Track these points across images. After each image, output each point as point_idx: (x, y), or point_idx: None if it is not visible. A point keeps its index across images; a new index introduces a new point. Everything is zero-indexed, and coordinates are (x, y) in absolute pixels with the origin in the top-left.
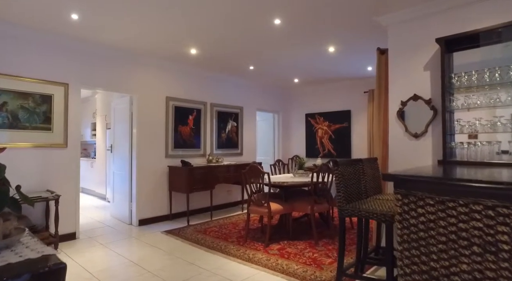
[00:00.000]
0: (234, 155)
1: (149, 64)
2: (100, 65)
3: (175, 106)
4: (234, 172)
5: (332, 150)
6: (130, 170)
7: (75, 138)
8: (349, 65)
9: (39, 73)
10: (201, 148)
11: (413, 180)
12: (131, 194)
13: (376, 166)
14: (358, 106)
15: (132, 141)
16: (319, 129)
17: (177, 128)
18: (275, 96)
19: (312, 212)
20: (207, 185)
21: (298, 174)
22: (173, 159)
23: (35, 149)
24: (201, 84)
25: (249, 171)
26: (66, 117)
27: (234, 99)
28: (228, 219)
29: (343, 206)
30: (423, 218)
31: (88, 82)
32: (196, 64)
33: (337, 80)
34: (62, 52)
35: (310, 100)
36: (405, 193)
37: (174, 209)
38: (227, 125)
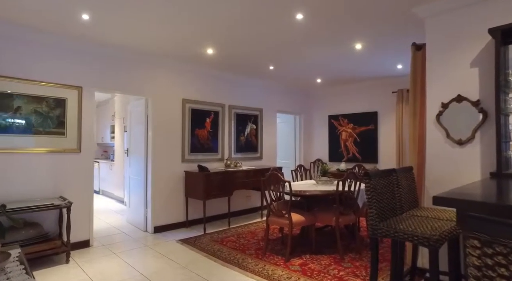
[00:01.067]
0: (253, 159)
1: (164, 66)
2: (114, 68)
3: (191, 108)
4: (253, 177)
5: (357, 154)
6: (145, 175)
7: (88, 143)
8: (376, 64)
9: (53, 77)
10: (218, 152)
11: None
12: (146, 200)
13: (411, 177)
14: (385, 107)
15: (147, 145)
16: (343, 132)
17: (194, 132)
18: (296, 97)
19: (337, 224)
20: (225, 191)
21: (321, 181)
22: (190, 164)
23: (49, 154)
24: (219, 85)
25: (269, 179)
26: (79, 121)
27: (253, 100)
28: (247, 227)
29: (376, 225)
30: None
31: (102, 85)
32: (213, 65)
33: (363, 80)
34: (76, 55)
35: (333, 101)
36: (488, 241)
37: (190, 215)
38: (246, 127)
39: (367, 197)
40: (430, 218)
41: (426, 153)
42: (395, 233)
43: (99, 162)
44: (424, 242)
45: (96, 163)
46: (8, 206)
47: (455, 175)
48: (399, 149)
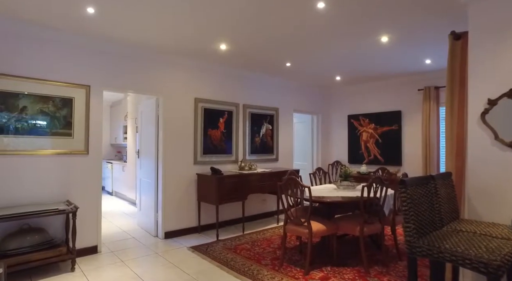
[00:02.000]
0: (269, 161)
1: (175, 63)
2: (123, 66)
3: (204, 108)
4: (269, 180)
5: (379, 156)
6: (156, 178)
7: (97, 144)
8: (402, 59)
9: (59, 75)
10: (232, 154)
11: None
12: (156, 204)
13: (450, 184)
14: (410, 106)
15: (158, 146)
16: (364, 132)
17: (207, 132)
18: (314, 96)
19: (362, 234)
20: (239, 195)
21: (343, 186)
22: (202, 166)
23: (55, 156)
24: (233, 84)
25: (287, 183)
26: (87, 121)
27: (269, 99)
28: (262, 234)
29: (415, 242)
30: None
31: (111, 84)
32: (226, 62)
33: (386, 77)
34: (83, 52)
35: (353, 100)
36: None
37: (203, 220)
38: (261, 128)
39: (403, 209)
40: (479, 235)
41: (467, 156)
42: (439, 253)
43: (112, 163)
44: (480, 268)
45: (109, 164)
46: (12, 210)
47: (506, 184)
48: (426, 151)
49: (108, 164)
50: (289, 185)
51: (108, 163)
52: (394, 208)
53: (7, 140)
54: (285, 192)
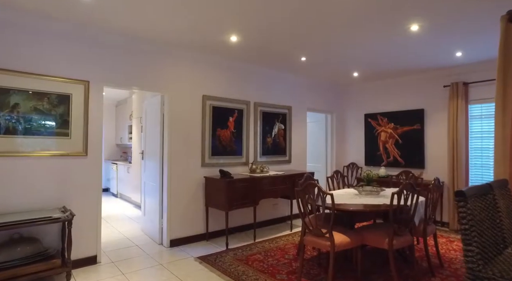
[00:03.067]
0: (281, 163)
1: (182, 58)
2: (125, 60)
3: (213, 106)
4: (281, 184)
5: (399, 158)
6: (161, 181)
7: (96, 145)
8: (431, 51)
9: (55, 70)
10: (243, 155)
11: None
12: (161, 209)
13: (508, 194)
14: (434, 104)
15: (163, 147)
16: (382, 132)
17: (216, 132)
18: (329, 94)
19: (391, 247)
20: (250, 200)
21: (365, 192)
22: (211, 169)
23: (50, 158)
24: (243, 80)
25: (305, 189)
26: (86, 120)
27: (281, 97)
28: (275, 242)
29: (481, 271)
30: None
31: (112, 79)
32: (237, 56)
33: (409, 73)
34: (82, 45)
35: (371, 98)
36: None
37: (211, 227)
38: (274, 127)
39: (462, 228)
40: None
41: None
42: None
43: (117, 164)
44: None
45: (114, 164)
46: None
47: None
48: (453, 153)
49: (113, 165)
50: (308, 191)
51: (113, 164)
52: (425, 217)
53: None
54: (303, 198)
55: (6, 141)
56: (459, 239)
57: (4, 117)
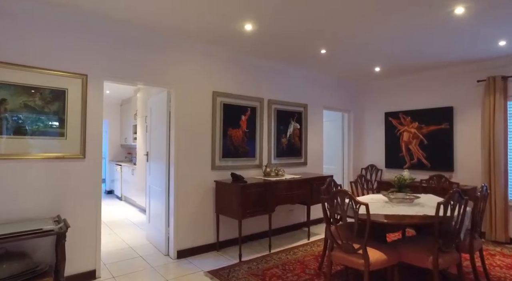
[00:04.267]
0: (296, 165)
1: (190, 50)
2: (128, 52)
3: (224, 103)
4: (298, 188)
5: (424, 160)
6: (167, 185)
7: (95, 147)
8: (469, 40)
9: (49, 61)
10: (256, 157)
11: None
12: (167, 217)
13: None
14: (466, 101)
15: (169, 148)
16: (405, 132)
17: (227, 132)
18: (346, 92)
19: (436, 267)
20: (265, 207)
21: (397, 200)
22: (222, 172)
23: (43, 161)
24: (257, 75)
25: (335, 197)
26: (84, 119)
27: (297, 94)
28: (293, 253)
29: None
30: None
31: (113, 73)
32: (250, 49)
33: (437, 67)
34: (79, 34)
35: (392, 95)
36: None
37: (222, 235)
38: (289, 127)
39: None
40: None
41: None
42: None
43: (121, 166)
44: None
45: (119, 166)
46: None
47: None
48: (489, 155)
49: (117, 167)
50: (339, 199)
51: (117, 165)
52: (471, 229)
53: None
54: (332, 207)
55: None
56: (501, 252)
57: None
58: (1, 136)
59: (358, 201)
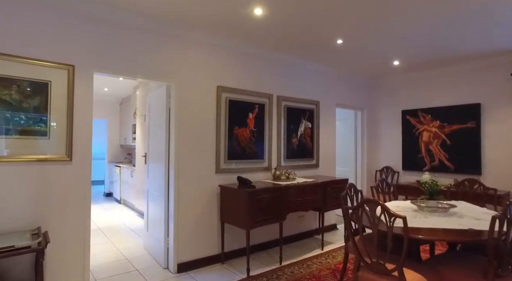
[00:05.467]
0: (308, 167)
1: (193, 40)
2: (122, 40)
3: (229, 99)
4: (312, 194)
5: (446, 161)
6: (167, 191)
7: (84, 148)
8: (505, 27)
9: (28, 49)
10: (264, 159)
11: None
12: (167, 225)
13: None
14: (495, 97)
15: (169, 149)
16: (425, 132)
17: (233, 131)
18: (360, 88)
19: None
20: (276, 215)
21: (429, 208)
22: (227, 175)
23: (22, 165)
24: (265, 69)
25: (362, 206)
26: (70, 115)
27: (308, 91)
28: (306, 267)
29: None
30: None
31: (105, 64)
32: (258, 39)
33: (461, 60)
34: (65, 18)
35: (410, 92)
36: None
37: (227, 246)
38: (299, 126)
39: None
40: None
41: None
42: None
43: (120, 167)
44: None
45: (118, 167)
46: None
47: None
48: None
49: (117, 168)
50: (368, 209)
51: (117, 166)
52: None
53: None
54: (357, 217)
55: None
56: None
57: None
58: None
59: (394, 213)
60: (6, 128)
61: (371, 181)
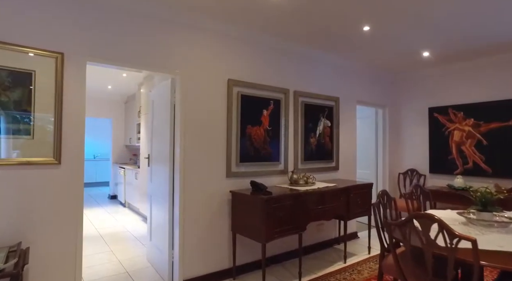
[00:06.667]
0: (326, 170)
1: (200, 28)
2: (121, 26)
3: (242, 94)
4: (334, 200)
5: (483, 164)
6: (171, 196)
7: (75, 150)
8: None
9: (7, 33)
10: (280, 161)
11: None
12: (171, 236)
13: None
14: None
15: (174, 150)
16: (456, 131)
17: (245, 130)
18: (382, 83)
19: None
20: (295, 225)
21: (483, 223)
22: (239, 180)
23: (1, 169)
24: (281, 61)
25: (410, 224)
26: (59, 111)
27: (327, 85)
28: None
29: None
30: None
31: (100, 53)
32: (273, 27)
33: (503, 49)
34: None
35: (439, 87)
36: None
37: (239, 259)
38: (318, 124)
39: None
40: None
41: None
42: None
43: (125, 169)
44: None
45: (122, 169)
46: None
47: None
48: None
49: (121, 169)
50: (422, 227)
51: (121, 168)
52: None
53: None
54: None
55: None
56: None
57: None
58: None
59: (460, 235)
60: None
61: (393, 185)
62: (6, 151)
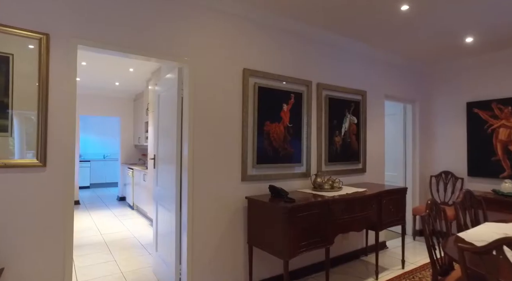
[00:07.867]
0: (353, 172)
1: (212, 9)
2: (119, 5)
3: (259, 86)
4: (364, 208)
5: None
6: (179, 203)
7: (64, 150)
8: None
9: None
10: (302, 163)
11: None
12: (179, 249)
13: None
14: None
15: (182, 150)
16: (502, 128)
17: (263, 127)
18: (412, 75)
19: None
20: (322, 237)
21: None
22: (256, 184)
23: None
24: (304, 50)
25: (498, 248)
26: (43, 103)
27: (354, 78)
28: None
29: None
30: None
31: (94, 35)
32: (295, 11)
33: None
34: None
35: (480, 79)
36: None
37: (256, 274)
38: (344, 121)
39: None
40: None
41: None
42: None
43: (133, 169)
44: None
45: (130, 170)
46: None
47: None
48: None
49: (129, 170)
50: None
51: (130, 169)
52: None
53: None
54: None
55: None
56: None
57: None
58: None
59: None
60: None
61: (424, 189)
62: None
